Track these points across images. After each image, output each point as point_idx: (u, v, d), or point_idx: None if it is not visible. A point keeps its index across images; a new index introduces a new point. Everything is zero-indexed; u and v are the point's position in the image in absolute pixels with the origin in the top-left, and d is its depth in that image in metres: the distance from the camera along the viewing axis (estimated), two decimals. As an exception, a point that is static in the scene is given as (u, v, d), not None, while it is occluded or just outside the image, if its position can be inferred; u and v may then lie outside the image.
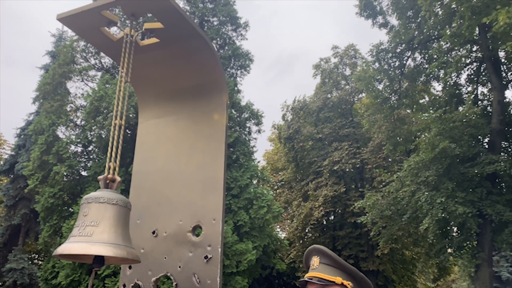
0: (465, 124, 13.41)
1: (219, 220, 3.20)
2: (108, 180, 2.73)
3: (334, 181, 23.46)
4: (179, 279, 3.15)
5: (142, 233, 3.38)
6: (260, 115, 15.96)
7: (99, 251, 2.39)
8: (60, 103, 14.96)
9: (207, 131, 3.44)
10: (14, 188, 18.99)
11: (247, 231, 13.23)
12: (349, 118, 26.01)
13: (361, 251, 22.92)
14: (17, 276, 16.93)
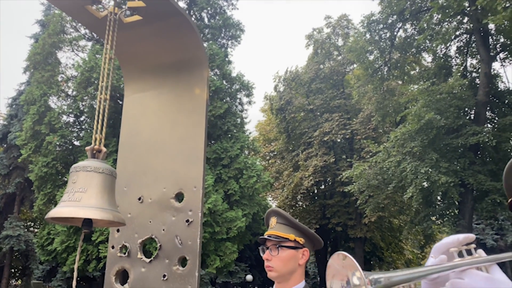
0: (452, 96, 13.67)
1: (200, 188, 3.46)
2: (94, 150, 2.97)
3: (324, 152, 23.86)
4: (163, 241, 3.44)
5: (129, 199, 3.63)
6: (251, 86, 16.08)
7: (87, 214, 2.65)
8: (51, 73, 14.96)
9: (189, 105, 3.66)
10: (8, 157, 19.18)
11: (237, 199, 13.64)
12: (341, 89, 26.19)
13: (349, 219, 23.61)
14: (14, 243, 17.40)
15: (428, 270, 0.92)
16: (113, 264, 3.52)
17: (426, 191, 13.82)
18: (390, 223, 26.27)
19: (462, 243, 0.99)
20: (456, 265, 0.93)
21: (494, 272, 0.94)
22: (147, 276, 3.37)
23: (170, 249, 3.35)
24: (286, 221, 2.01)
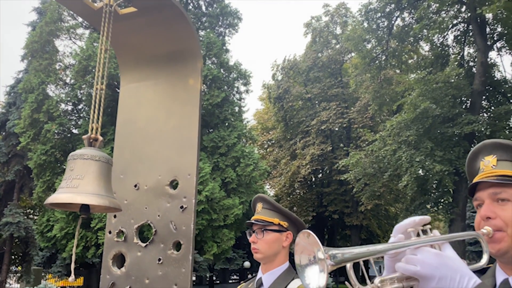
0: (448, 85, 13.76)
1: (193, 175, 3.58)
2: (91, 139, 3.09)
3: (321, 140, 24.01)
4: (158, 226, 3.57)
5: (125, 186, 3.75)
6: (248, 75, 16.11)
7: (84, 200, 2.78)
8: (48, 62, 14.97)
9: (183, 95, 3.76)
10: (7, 145, 19.26)
11: (234, 187, 13.80)
12: (338, 78, 26.22)
13: (346, 207, 23.86)
14: (14, 230, 17.60)
15: (383, 248, 1.04)
16: (110, 248, 3.66)
17: (421, 180, 14.00)
18: (387, 211, 26.54)
19: (419, 224, 1.10)
20: (410, 243, 1.05)
21: (445, 249, 1.06)
22: (143, 260, 3.50)
23: (165, 234, 3.49)
24: (270, 206, 2.14)
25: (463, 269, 1.00)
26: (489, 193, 1.24)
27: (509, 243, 1.18)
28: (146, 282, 3.44)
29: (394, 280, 1.04)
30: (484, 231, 1.21)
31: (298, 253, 1.01)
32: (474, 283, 0.97)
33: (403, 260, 1.04)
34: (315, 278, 0.95)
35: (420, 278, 1.00)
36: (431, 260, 1.00)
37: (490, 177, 1.25)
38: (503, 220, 1.19)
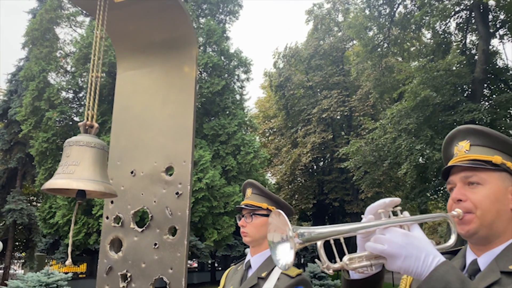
0: (449, 73, 13.69)
1: (189, 162, 3.63)
2: (87, 126, 3.14)
3: (322, 129, 24.02)
4: (154, 212, 3.64)
5: (122, 173, 3.81)
6: (248, 63, 16.07)
7: (79, 186, 2.84)
8: (49, 49, 14.97)
9: (178, 83, 3.79)
10: (9, 132, 19.35)
11: (234, 175, 13.88)
12: (340, 66, 26.11)
13: (346, 194, 23.97)
14: (17, 216, 17.79)
15: (351, 228, 1.09)
16: (108, 233, 3.73)
17: (421, 168, 14.03)
18: (386, 198, 26.60)
19: (389, 206, 1.15)
20: (379, 224, 1.10)
21: (414, 229, 1.11)
22: (139, 245, 3.57)
23: (161, 220, 3.55)
24: (260, 192, 2.20)
25: (428, 249, 1.04)
26: (461, 177, 1.29)
27: (478, 224, 1.22)
28: (143, 266, 3.51)
29: (363, 258, 1.09)
30: (454, 213, 1.26)
31: (271, 231, 1.07)
32: (438, 261, 1.01)
33: (372, 239, 1.09)
34: (285, 255, 1.00)
35: (387, 256, 1.04)
36: (398, 240, 1.04)
37: (462, 161, 1.29)
38: (473, 202, 1.24)
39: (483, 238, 1.24)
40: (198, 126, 14.52)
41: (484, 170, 1.25)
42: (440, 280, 0.97)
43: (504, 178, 1.26)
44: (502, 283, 1.13)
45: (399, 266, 1.03)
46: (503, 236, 1.23)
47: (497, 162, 1.25)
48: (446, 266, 1.00)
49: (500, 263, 1.18)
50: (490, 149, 1.29)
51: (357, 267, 1.09)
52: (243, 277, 2.12)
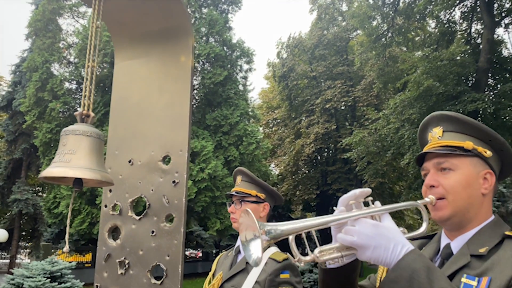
0: (452, 63, 13.60)
1: (185, 151, 3.67)
2: (83, 115, 3.19)
3: (326, 119, 23.97)
4: (151, 200, 3.69)
5: (120, 162, 3.86)
6: (251, 53, 16.02)
7: (76, 174, 2.88)
8: (52, 40, 15.01)
9: (175, 73, 3.82)
10: (13, 123, 19.50)
11: (237, 165, 13.92)
12: (344, 56, 25.95)
13: (350, 185, 23.97)
14: (22, 206, 18.02)
15: (320, 222, 1.11)
16: (106, 221, 3.79)
17: (424, 158, 13.99)
18: (391, 189, 26.60)
19: (360, 197, 1.17)
20: (348, 216, 1.12)
21: (384, 220, 1.13)
22: (137, 232, 3.63)
23: (158, 208, 3.60)
24: (249, 179, 2.24)
25: (397, 238, 1.06)
26: (434, 163, 1.31)
27: (450, 210, 1.25)
28: (140, 253, 3.57)
29: (334, 250, 1.12)
30: (427, 199, 1.28)
31: (243, 230, 1.10)
32: (406, 250, 1.04)
33: (342, 231, 1.11)
34: (255, 251, 1.04)
35: (357, 247, 1.07)
36: (367, 231, 1.06)
37: (435, 148, 1.31)
38: (445, 188, 1.26)
39: (456, 223, 1.26)
40: (201, 116, 14.56)
41: (456, 156, 1.27)
42: (407, 268, 0.99)
43: (476, 163, 1.28)
44: (472, 266, 1.16)
45: (369, 257, 1.06)
46: (475, 221, 1.26)
47: (468, 148, 1.27)
48: (413, 254, 1.02)
49: (471, 247, 1.20)
50: (463, 135, 1.30)
51: (328, 259, 1.11)
52: (232, 262, 2.17)
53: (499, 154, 1.32)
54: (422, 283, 0.96)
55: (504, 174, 1.38)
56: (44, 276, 8.28)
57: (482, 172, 1.28)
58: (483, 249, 1.17)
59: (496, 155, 1.31)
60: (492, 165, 1.29)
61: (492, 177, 1.28)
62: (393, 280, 1.00)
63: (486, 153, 1.28)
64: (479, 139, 1.30)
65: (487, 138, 1.30)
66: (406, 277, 0.98)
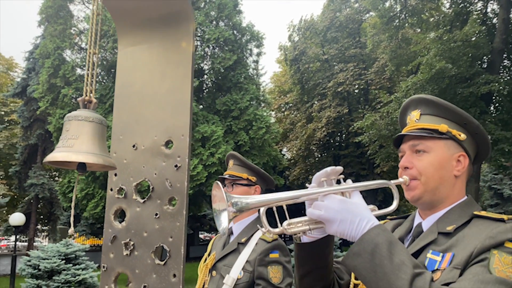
0: (466, 44, 13.31)
1: (187, 136, 3.73)
2: (85, 101, 3.27)
3: (338, 103, 23.79)
4: (155, 184, 3.78)
5: (124, 146, 3.94)
6: (261, 37, 15.91)
7: (78, 158, 2.98)
8: (63, 27, 15.13)
9: (176, 58, 3.86)
10: (28, 110, 19.86)
11: (247, 150, 14.02)
12: (356, 38, 25.57)
13: (362, 169, 23.90)
14: (38, 191, 18.48)
15: (286, 196, 1.17)
16: (112, 204, 3.90)
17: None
18: (404, 172, 26.42)
19: (331, 174, 1.22)
20: (316, 192, 1.16)
21: (354, 196, 1.18)
22: (141, 215, 3.73)
23: (161, 191, 3.69)
24: (240, 163, 2.29)
25: (363, 214, 1.10)
26: (409, 145, 1.34)
27: (422, 190, 1.29)
28: (145, 235, 3.68)
29: (302, 223, 1.17)
30: (401, 180, 1.32)
31: (215, 202, 1.16)
32: (371, 225, 1.08)
33: (312, 206, 1.16)
34: (223, 222, 1.10)
35: (324, 221, 1.12)
36: (334, 205, 1.11)
37: (411, 130, 1.35)
38: (418, 169, 1.30)
39: (427, 202, 1.30)
40: (211, 101, 14.61)
41: (430, 138, 1.31)
42: (370, 242, 1.04)
43: (450, 145, 1.31)
44: (438, 243, 1.20)
45: (335, 230, 1.11)
46: (446, 201, 1.29)
47: (443, 131, 1.30)
48: (377, 229, 1.07)
49: (440, 225, 1.25)
50: (439, 118, 1.33)
51: (296, 231, 1.17)
52: (225, 243, 2.25)
53: (474, 138, 1.34)
54: (383, 256, 1.00)
55: (480, 157, 1.40)
56: (59, 258, 8.55)
57: (456, 154, 1.30)
58: (450, 227, 1.21)
59: (471, 138, 1.34)
60: (466, 147, 1.32)
61: (465, 159, 1.31)
62: (357, 253, 1.04)
63: (460, 136, 1.31)
64: (454, 122, 1.32)
65: (462, 121, 1.32)
66: (369, 251, 1.02)
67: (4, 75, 27.44)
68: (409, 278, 0.96)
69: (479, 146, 1.37)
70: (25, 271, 8.57)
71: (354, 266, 1.05)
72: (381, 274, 0.98)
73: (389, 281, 0.97)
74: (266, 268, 2.00)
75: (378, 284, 0.99)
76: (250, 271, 2.02)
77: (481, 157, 1.40)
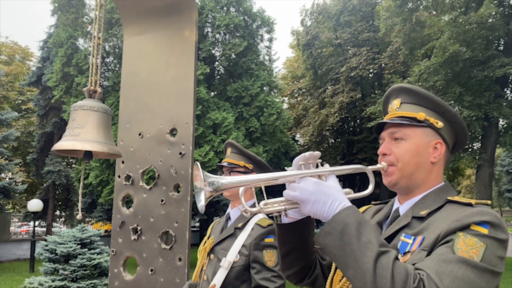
0: (481, 26, 13.03)
1: (190, 124, 3.81)
2: (91, 91, 3.35)
3: (351, 88, 23.58)
4: (160, 171, 3.88)
5: (131, 135, 4.04)
6: (271, 22, 15.80)
7: (84, 147, 3.07)
8: (75, 16, 15.27)
9: (180, 47, 3.91)
10: (44, 98, 20.22)
11: (258, 136, 14.06)
12: (370, 22, 25.18)
13: (376, 154, 23.45)
14: (55, 177, 18.92)
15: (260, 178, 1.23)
16: (120, 191, 4.02)
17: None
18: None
19: (309, 159, 1.26)
20: (292, 174, 1.22)
21: (329, 179, 1.23)
22: (148, 201, 3.84)
23: (167, 178, 3.79)
24: (238, 151, 2.35)
25: (336, 195, 1.15)
26: (388, 133, 1.38)
27: (399, 176, 1.33)
28: (151, 220, 3.80)
29: (278, 203, 1.24)
30: (380, 165, 1.37)
31: (196, 180, 1.23)
32: (343, 206, 1.13)
33: (288, 187, 1.22)
34: (201, 200, 1.17)
35: (299, 201, 1.18)
36: (308, 187, 1.16)
37: (391, 118, 1.39)
38: (396, 156, 1.34)
39: (404, 188, 1.34)
40: (222, 88, 14.64)
41: (408, 126, 1.34)
42: (340, 222, 1.09)
43: (427, 133, 1.34)
44: (411, 226, 1.25)
45: (309, 210, 1.16)
46: (423, 186, 1.33)
47: (420, 119, 1.33)
48: (348, 210, 1.12)
49: (415, 209, 1.29)
50: (418, 106, 1.36)
51: (272, 211, 1.23)
52: (223, 227, 2.32)
53: (452, 126, 1.37)
54: (351, 235, 1.05)
55: (459, 145, 1.43)
56: (74, 243, 8.81)
57: (433, 142, 1.34)
58: (423, 212, 1.25)
59: (449, 126, 1.37)
60: (443, 135, 1.35)
61: (442, 146, 1.34)
62: (328, 232, 1.10)
63: (437, 124, 1.34)
64: (432, 111, 1.36)
65: (440, 109, 1.35)
66: (339, 230, 1.07)
67: (20, 64, 27.90)
68: (374, 256, 1.01)
69: (457, 134, 1.40)
70: (43, 255, 8.86)
71: (325, 244, 1.10)
72: (349, 251, 1.04)
73: (356, 258, 1.02)
74: (261, 252, 2.07)
75: (346, 261, 1.04)
76: (246, 254, 2.10)
77: (460, 145, 1.43)
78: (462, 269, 1.02)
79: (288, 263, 1.39)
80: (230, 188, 1.18)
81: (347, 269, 1.04)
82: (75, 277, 8.53)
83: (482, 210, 1.14)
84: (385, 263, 1.00)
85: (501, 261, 1.09)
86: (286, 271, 1.42)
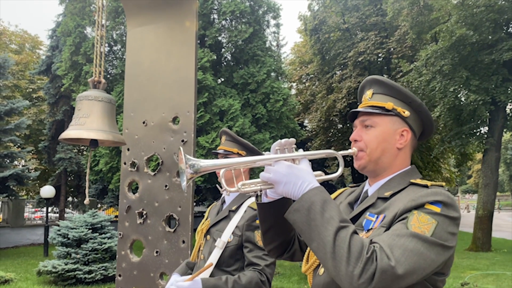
0: (489, 9, 12.88)
1: (192, 112, 3.95)
2: (95, 82, 3.51)
3: (358, 73, 23.43)
4: (164, 158, 4.04)
5: (135, 123, 4.20)
6: (277, 8, 15.76)
7: (89, 135, 3.24)
8: (82, 4, 15.39)
9: (181, 37, 4.04)
10: (54, 87, 20.48)
11: (264, 123, 14.16)
12: (378, 6, 24.87)
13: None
14: (66, 165, 19.30)
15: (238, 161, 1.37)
16: (126, 177, 4.20)
17: (456, 110, 13.68)
18: (428, 142, 26.07)
19: (284, 145, 1.40)
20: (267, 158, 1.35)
21: (301, 163, 1.36)
22: (152, 186, 4.02)
23: (170, 164, 3.96)
24: (231, 138, 2.49)
25: (306, 177, 1.29)
26: (360, 120, 1.52)
27: (367, 160, 1.47)
28: (156, 205, 3.98)
29: (254, 184, 1.38)
30: (351, 151, 1.51)
31: (181, 162, 1.37)
32: (311, 186, 1.26)
33: (265, 170, 1.36)
34: (183, 181, 1.32)
35: (273, 182, 1.32)
36: (281, 170, 1.30)
37: (363, 107, 1.52)
38: (365, 142, 1.47)
39: (372, 171, 1.48)
40: (228, 75, 14.72)
41: (377, 114, 1.47)
42: (308, 200, 1.23)
43: (395, 121, 1.47)
44: (376, 206, 1.39)
45: (281, 190, 1.31)
46: (389, 170, 1.47)
47: (389, 108, 1.46)
48: (316, 190, 1.25)
49: (380, 191, 1.43)
50: (387, 96, 1.49)
51: (249, 190, 1.37)
52: (219, 210, 2.48)
53: (418, 115, 1.50)
54: (316, 212, 1.19)
55: (427, 133, 1.56)
56: (86, 228, 9.10)
57: (399, 129, 1.47)
58: (388, 193, 1.39)
59: (416, 115, 1.49)
60: (410, 123, 1.47)
61: (408, 133, 1.47)
62: (296, 209, 1.24)
63: (404, 113, 1.46)
64: (400, 101, 1.48)
65: (407, 99, 1.48)
66: (306, 207, 1.21)
67: (30, 53, 28.18)
68: (334, 230, 1.15)
69: (424, 123, 1.52)
70: (55, 240, 9.17)
71: (294, 220, 1.25)
72: (314, 226, 1.18)
73: (319, 232, 1.16)
74: (253, 233, 2.22)
75: (311, 235, 1.18)
76: (239, 235, 2.25)
77: (428, 133, 1.55)
78: (413, 243, 1.15)
79: (268, 239, 1.54)
80: (209, 170, 1.32)
81: (312, 242, 1.19)
82: (87, 261, 8.84)
83: (436, 191, 1.27)
84: (344, 236, 1.14)
85: (452, 236, 1.23)
86: (268, 246, 1.57)
